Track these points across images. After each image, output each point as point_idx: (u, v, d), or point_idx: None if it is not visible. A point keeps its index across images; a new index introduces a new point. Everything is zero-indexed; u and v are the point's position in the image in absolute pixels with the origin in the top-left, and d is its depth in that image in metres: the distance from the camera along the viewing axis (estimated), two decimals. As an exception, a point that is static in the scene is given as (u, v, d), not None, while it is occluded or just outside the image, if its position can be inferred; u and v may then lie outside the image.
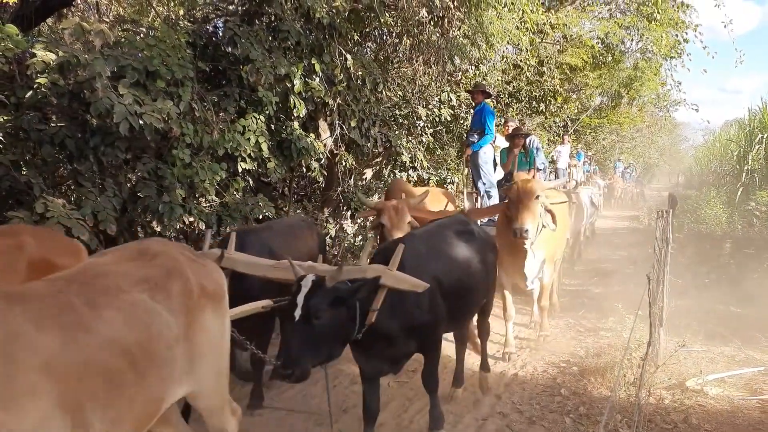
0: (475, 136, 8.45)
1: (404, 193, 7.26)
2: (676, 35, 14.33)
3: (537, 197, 5.49)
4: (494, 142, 9.34)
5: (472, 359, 5.97)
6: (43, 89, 4.79)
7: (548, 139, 15.68)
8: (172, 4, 8.13)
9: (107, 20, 7.97)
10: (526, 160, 8.34)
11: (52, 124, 4.99)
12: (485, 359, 5.26)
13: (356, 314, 3.40)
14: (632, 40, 15.02)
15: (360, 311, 3.41)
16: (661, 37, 13.97)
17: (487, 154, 8.50)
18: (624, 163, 28.29)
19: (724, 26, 14.20)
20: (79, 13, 8.16)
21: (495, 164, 9.08)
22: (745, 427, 4.37)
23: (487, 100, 9.13)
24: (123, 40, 5.50)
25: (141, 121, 4.80)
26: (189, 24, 6.82)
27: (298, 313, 3.21)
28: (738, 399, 4.86)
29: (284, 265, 3.81)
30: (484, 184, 8.57)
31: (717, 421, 4.43)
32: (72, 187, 5.55)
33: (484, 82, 11.27)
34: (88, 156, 5.10)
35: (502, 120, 11.26)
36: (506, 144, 13.89)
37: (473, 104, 9.21)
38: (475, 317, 5.08)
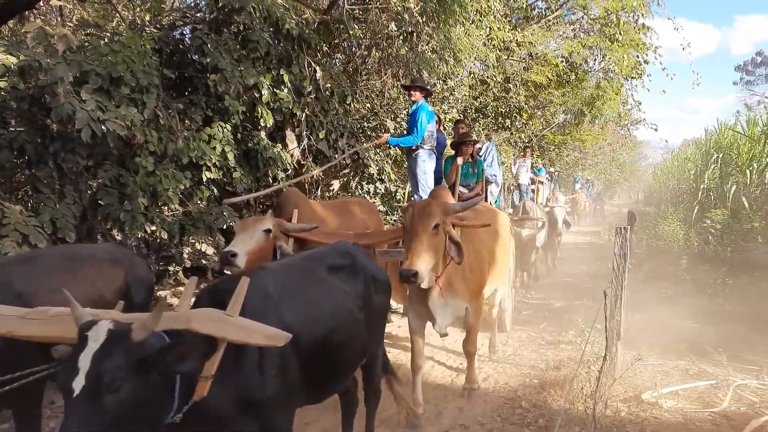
0: (405, 135, 7.47)
1: (297, 207, 5.27)
2: (637, 56, 14.70)
3: (436, 226, 4.23)
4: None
5: (435, 371, 6.02)
6: (2, 93, 4.71)
7: (513, 155, 15.86)
8: (138, 9, 8.07)
9: (70, 24, 7.87)
10: (474, 171, 7.36)
11: (11, 129, 4.91)
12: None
13: (176, 385, 2.30)
14: (595, 59, 15.36)
15: (182, 380, 2.31)
16: (623, 57, 14.31)
17: (426, 163, 7.32)
18: (582, 179, 28.05)
19: (683, 49, 14.65)
20: (42, 17, 8.02)
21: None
22: (697, 440, 4.47)
23: (457, 117, 9.13)
24: (86, 45, 5.43)
25: (103, 128, 4.73)
26: (155, 30, 6.77)
27: (79, 383, 2.02)
28: (691, 411, 4.97)
29: (46, 314, 2.37)
30: (421, 197, 7.12)
31: (671, 433, 4.53)
32: (30, 194, 5.45)
33: (451, 97, 11.42)
34: (48, 162, 5.00)
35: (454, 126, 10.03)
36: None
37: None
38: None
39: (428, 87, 7.89)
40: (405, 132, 7.65)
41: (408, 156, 7.63)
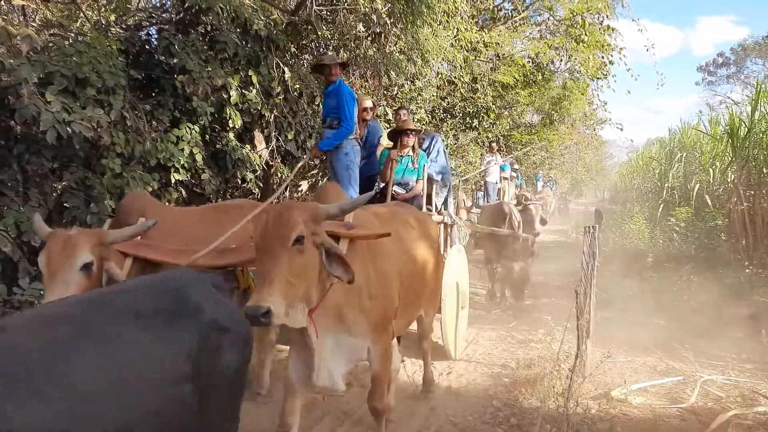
0: (332, 130, 6.00)
1: (144, 214, 3.82)
2: (602, 57, 14.92)
3: (299, 239, 2.89)
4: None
5: (407, 371, 6.02)
6: (-36, 94, 4.59)
7: (481, 155, 15.95)
8: (103, 9, 7.93)
9: (34, 24, 7.69)
10: (415, 167, 6.21)
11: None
12: None
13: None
14: (561, 60, 15.53)
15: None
16: (588, 58, 14.52)
17: (349, 156, 6.03)
18: (544, 177, 27.49)
19: (647, 50, 14.92)
20: (4, 17, 7.83)
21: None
22: (666, 435, 4.55)
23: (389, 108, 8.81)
24: (51, 45, 5.32)
25: (69, 129, 4.65)
26: (121, 31, 6.67)
27: None
28: (660, 408, 5.05)
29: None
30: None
31: (640, 429, 4.59)
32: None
33: (419, 97, 11.45)
34: (12, 164, 4.90)
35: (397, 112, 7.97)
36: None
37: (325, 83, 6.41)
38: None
39: (344, 61, 6.74)
40: (322, 123, 6.29)
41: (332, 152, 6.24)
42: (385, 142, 6.94)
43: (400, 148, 6.14)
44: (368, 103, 6.76)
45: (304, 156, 7.48)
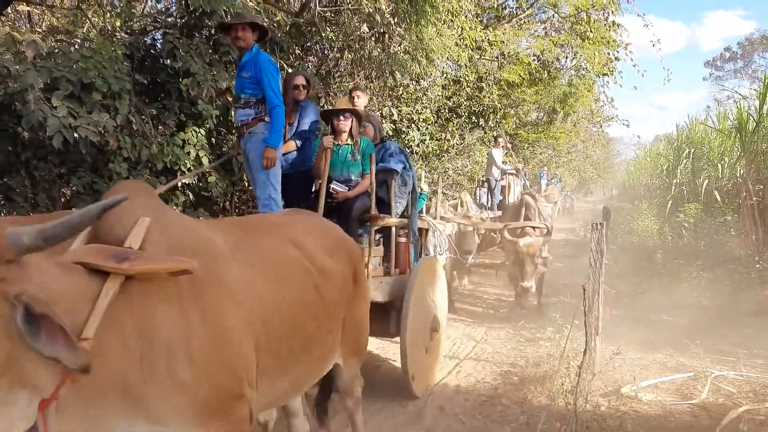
0: (248, 110, 4.87)
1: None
2: (608, 53, 14.87)
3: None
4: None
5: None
6: (-29, 101, 4.62)
7: (487, 154, 15.91)
8: (108, 15, 7.96)
9: (40, 31, 7.74)
10: (355, 158, 5.12)
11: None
12: None
13: None
14: (566, 57, 15.50)
15: None
16: (594, 54, 14.48)
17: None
18: (548, 174, 25.65)
19: (653, 45, 14.86)
20: (10, 23, 7.89)
21: None
22: (677, 431, 4.52)
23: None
24: (56, 51, 5.35)
25: (76, 135, 4.66)
26: (126, 36, 6.69)
27: None
28: (670, 404, 5.03)
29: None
30: (269, 209, 4.76)
31: (650, 425, 4.57)
32: (2, 203, 5.35)
33: (425, 97, 11.44)
34: (20, 170, 4.94)
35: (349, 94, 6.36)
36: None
37: (238, 52, 5.30)
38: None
39: (264, 24, 5.15)
40: (241, 101, 4.92)
41: (238, 136, 5.24)
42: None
43: (335, 136, 5.12)
44: (300, 80, 5.55)
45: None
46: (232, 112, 5.52)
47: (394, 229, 5.32)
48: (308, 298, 2.74)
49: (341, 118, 5.12)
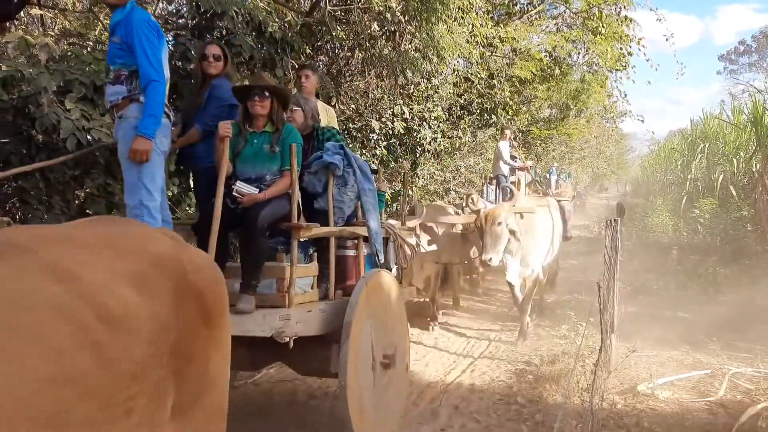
0: (119, 86, 3.79)
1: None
2: (621, 48, 14.74)
3: None
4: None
5: (429, 369, 6.02)
6: (-15, 104, 4.65)
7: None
8: (120, 17, 8.00)
9: (52, 34, 7.80)
10: (273, 150, 4.04)
11: (-4, 141, 4.86)
12: None
13: None
14: (579, 53, 15.39)
15: None
16: (607, 50, 14.35)
17: (145, 131, 3.65)
18: (557, 171, 25.48)
19: (666, 39, 14.73)
20: (23, 27, 7.95)
21: None
22: (694, 429, 4.48)
23: None
24: (69, 54, 5.39)
25: (89, 137, 4.69)
26: (138, 38, 6.71)
27: None
28: (687, 401, 4.99)
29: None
30: (143, 206, 3.70)
31: (667, 423, 4.54)
32: (17, 205, 5.39)
33: (436, 95, 11.40)
34: (34, 173, 4.96)
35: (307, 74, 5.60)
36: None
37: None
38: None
39: None
40: (111, 75, 3.85)
41: (116, 123, 3.90)
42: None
43: (249, 121, 4.12)
44: (213, 49, 4.57)
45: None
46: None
47: (333, 240, 4.23)
48: (78, 368, 1.55)
49: (257, 98, 4.00)
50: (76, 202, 5.43)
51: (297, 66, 5.97)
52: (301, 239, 3.94)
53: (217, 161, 3.82)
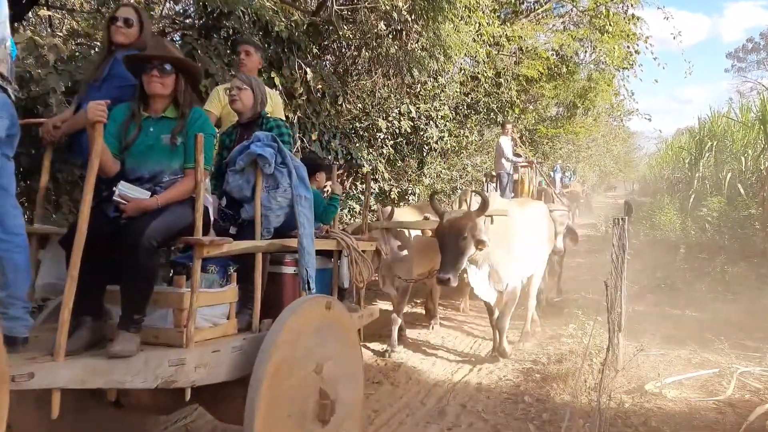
0: None
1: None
2: (628, 47, 14.70)
3: None
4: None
5: (437, 368, 6.02)
6: (-6, 104, 4.67)
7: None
8: (128, 17, 8.03)
9: (60, 34, 7.83)
10: (174, 143, 3.19)
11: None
12: None
13: None
14: (586, 51, 15.36)
15: None
16: (614, 48, 14.32)
17: None
18: (562, 169, 23.16)
19: (674, 38, 14.69)
20: (31, 28, 7.98)
21: None
22: (702, 428, 4.47)
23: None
24: (77, 54, 5.41)
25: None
26: (145, 38, 6.74)
27: None
28: (695, 400, 4.97)
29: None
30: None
31: (675, 422, 4.52)
32: (26, 205, 5.42)
33: (443, 94, 11.41)
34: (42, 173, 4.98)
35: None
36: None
37: None
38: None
39: None
40: None
41: None
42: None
43: (144, 104, 3.25)
44: (126, 12, 3.75)
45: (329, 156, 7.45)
46: None
47: (259, 256, 3.39)
48: None
49: (155, 72, 3.13)
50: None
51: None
52: (207, 257, 3.04)
53: (92, 150, 2.80)
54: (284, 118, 5.02)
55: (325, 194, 5.34)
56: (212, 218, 3.41)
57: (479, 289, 6.04)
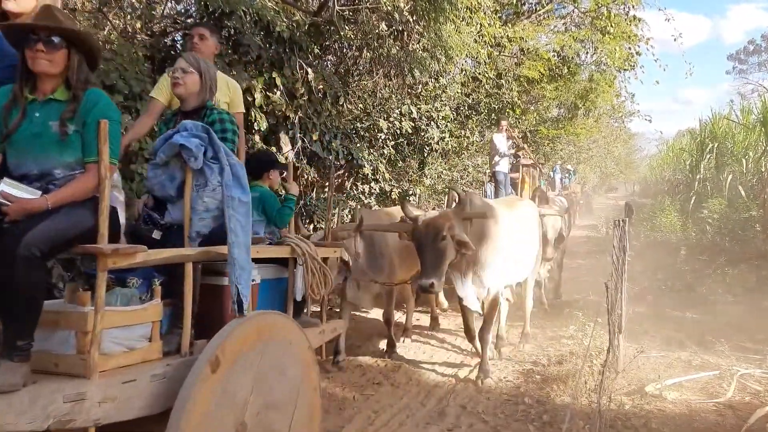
0: None
1: None
2: (629, 48, 14.71)
3: None
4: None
5: (437, 369, 6.01)
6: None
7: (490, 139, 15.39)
8: (129, 17, 8.04)
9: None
10: (64, 132, 2.62)
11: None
12: None
13: None
14: (587, 52, 15.36)
15: None
16: (615, 49, 14.33)
17: None
18: (562, 170, 22.08)
19: (675, 39, 14.69)
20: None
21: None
22: (702, 430, 4.46)
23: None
24: (78, 53, 5.40)
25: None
26: (146, 37, 6.75)
27: None
28: (695, 402, 4.96)
29: None
30: None
31: (675, 424, 4.52)
32: None
33: (444, 94, 11.41)
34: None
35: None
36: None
37: None
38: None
39: None
40: None
41: None
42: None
43: (32, 84, 2.69)
44: None
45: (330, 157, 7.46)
46: (252, 112, 5.15)
47: (189, 266, 2.89)
48: None
49: (38, 46, 2.57)
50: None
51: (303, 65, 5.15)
52: (126, 268, 2.65)
53: None
54: (243, 112, 4.58)
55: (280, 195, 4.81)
56: (123, 221, 3.00)
57: (469, 298, 5.46)
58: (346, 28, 8.74)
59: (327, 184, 7.81)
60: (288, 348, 3.15)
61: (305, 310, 4.18)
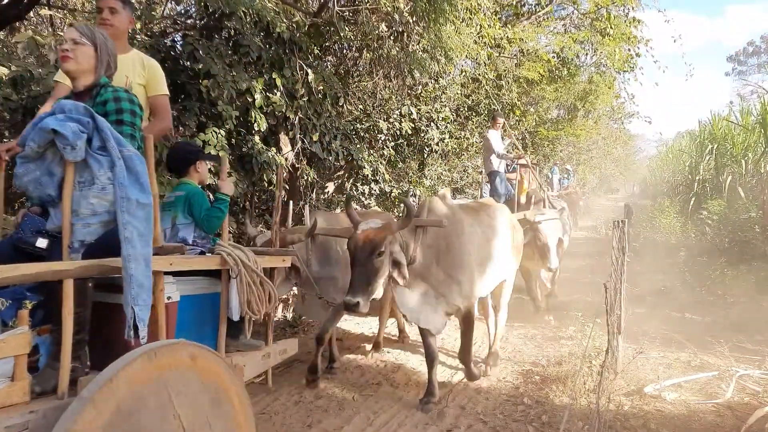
0: None
1: None
2: (629, 49, 14.73)
3: None
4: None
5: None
6: (-5, 104, 4.68)
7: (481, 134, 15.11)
8: (129, 18, 8.04)
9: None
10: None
11: (5, 140, 4.89)
12: None
13: None
14: (587, 54, 15.39)
15: None
16: (614, 51, 14.35)
17: None
18: (561, 170, 20.91)
19: (674, 41, 14.71)
20: (32, 27, 8.00)
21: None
22: (701, 431, 4.47)
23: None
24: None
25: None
26: (146, 38, 6.75)
27: None
28: (694, 403, 4.96)
29: None
30: None
31: (674, 425, 4.52)
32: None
33: (444, 95, 11.41)
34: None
35: None
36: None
37: None
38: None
39: None
40: None
41: None
42: None
43: None
44: None
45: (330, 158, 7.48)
46: (252, 113, 5.28)
47: (69, 284, 2.35)
48: None
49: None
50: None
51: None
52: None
53: None
54: (166, 95, 3.91)
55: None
56: None
57: (414, 316, 4.91)
58: (346, 28, 8.74)
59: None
60: (206, 384, 2.50)
61: (244, 331, 3.56)
